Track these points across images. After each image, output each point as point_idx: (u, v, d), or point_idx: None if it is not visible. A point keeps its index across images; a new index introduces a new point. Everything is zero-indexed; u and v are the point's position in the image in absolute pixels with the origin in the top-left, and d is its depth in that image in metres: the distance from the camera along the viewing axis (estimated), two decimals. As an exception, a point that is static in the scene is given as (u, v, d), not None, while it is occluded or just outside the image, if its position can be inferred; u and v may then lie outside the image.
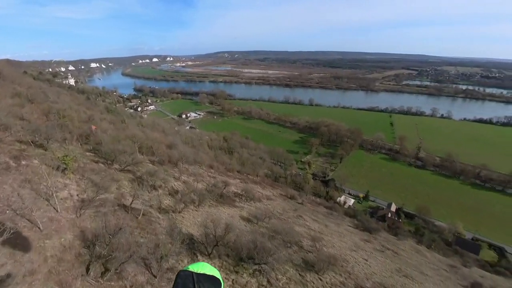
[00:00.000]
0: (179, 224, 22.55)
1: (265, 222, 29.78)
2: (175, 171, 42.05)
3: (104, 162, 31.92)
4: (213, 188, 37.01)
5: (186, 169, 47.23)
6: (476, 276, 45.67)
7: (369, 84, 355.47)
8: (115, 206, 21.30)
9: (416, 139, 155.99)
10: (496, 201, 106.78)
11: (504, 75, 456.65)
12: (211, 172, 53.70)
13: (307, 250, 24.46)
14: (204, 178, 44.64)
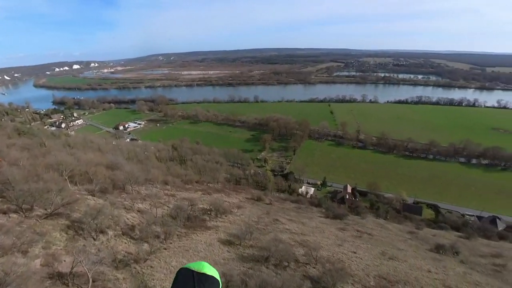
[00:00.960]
0: (149, 280, 17.05)
1: (248, 239, 26.41)
2: (124, 199, 34.34)
3: (18, 210, 22.93)
4: (177, 212, 31.06)
5: (138, 192, 39.70)
6: (431, 237, 51.15)
7: (306, 78, 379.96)
8: (44, 280, 14.29)
9: (354, 124, 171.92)
10: (423, 166, 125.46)
11: (409, 63, 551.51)
12: (167, 189, 46.94)
13: (304, 262, 22.32)
14: (162, 200, 38.17)
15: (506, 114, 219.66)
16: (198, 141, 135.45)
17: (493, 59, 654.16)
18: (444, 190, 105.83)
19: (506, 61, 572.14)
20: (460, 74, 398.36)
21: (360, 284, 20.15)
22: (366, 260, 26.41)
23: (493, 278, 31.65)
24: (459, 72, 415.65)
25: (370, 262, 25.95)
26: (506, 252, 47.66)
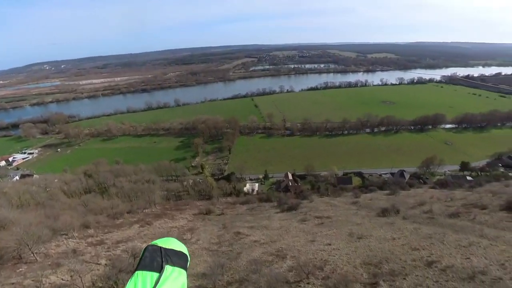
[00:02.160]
0: None
1: (221, 275, 21.39)
2: (23, 275, 22.33)
3: None
4: (112, 272, 21.55)
5: (45, 255, 27.41)
6: (370, 202, 57.01)
7: (224, 75, 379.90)
8: None
9: (278, 114, 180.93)
10: (342, 141, 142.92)
11: (312, 54, 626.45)
12: (90, 236, 35.23)
13: (296, 281, 19.25)
14: (87, 255, 27.66)
15: (388, 90, 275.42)
16: (119, 160, 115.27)
17: (372, 47, 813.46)
18: (362, 158, 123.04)
19: (380, 48, 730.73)
20: (350, 61, 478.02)
21: (358, 283, 18.84)
22: (343, 249, 25.91)
23: (432, 225, 36.42)
24: (349, 59, 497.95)
25: (347, 250, 25.58)
26: (425, 198, 57.62)
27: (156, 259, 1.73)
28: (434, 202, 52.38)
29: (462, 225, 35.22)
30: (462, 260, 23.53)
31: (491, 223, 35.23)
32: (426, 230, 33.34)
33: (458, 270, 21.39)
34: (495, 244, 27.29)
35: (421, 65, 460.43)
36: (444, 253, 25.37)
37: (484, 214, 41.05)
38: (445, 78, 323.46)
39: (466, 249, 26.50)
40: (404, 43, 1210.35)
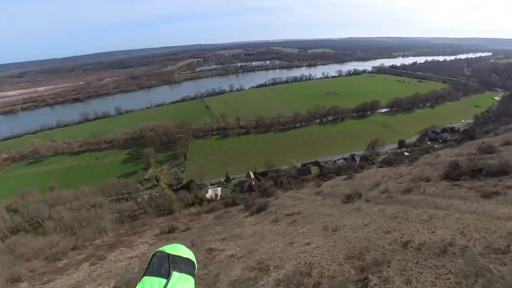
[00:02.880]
0: None
1: None
2: None
3: None
4: None
5: None
6: (332, 190, 59.19)
7: (169, 77, 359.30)
8: None
9: (231, 113, 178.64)
10: (296, 134, 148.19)
11: (257, 52, 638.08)
12: None
13: None
14: None
15: (330, 82, 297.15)
16: (53, 186, 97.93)
17: (311, 43, 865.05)
18: (316, 148, 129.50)
19: (318, 44, 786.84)
20: (293, 56, 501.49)
21: (349, 282, 18.03)
22: (323, 246, 25.30)
23: (393, 204, 38.84)
24: (292, 55, 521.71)
25: (327, 246, 25.05)
26: (378, 178, 62.36)
27: (164, 265, 1.76)
28: (387, 181, 56.73)
29: (417, 200, 38.27)
30: (429, 235, 24.95)
31: (438, 194, 39.05)
32: (390, 210, 35.28)
33: (430, 246, 22.44)
34: (450, 213, 29.90)
35: (354, 58, 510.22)
36: (413, 231, 26.71)
37: (430, 185, 45.53)
38: (375, 68, 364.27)
39: (428, 223, 28.38)
40: (338, 38, 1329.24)
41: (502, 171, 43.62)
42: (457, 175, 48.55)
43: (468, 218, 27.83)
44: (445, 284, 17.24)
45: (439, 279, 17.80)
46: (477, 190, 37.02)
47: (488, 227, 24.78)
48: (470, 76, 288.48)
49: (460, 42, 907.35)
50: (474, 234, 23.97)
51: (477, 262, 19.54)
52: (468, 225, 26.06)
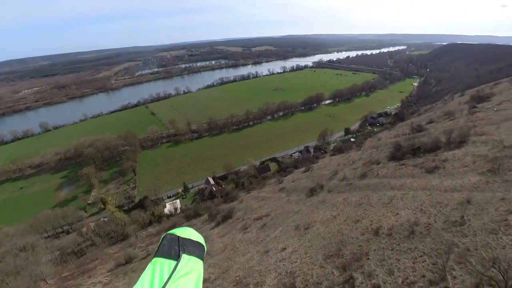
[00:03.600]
0: None
1: None
2: None
3: None
4: None
5: None
6: (294, 184, 59.83)
7: (105, 84, 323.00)
8: None
9: (181, 118, 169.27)
10: (250, 132, 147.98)
11: (201, 52, 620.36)
12: None
13: None
14: None
15: (276, 78, 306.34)
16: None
17: (254, 41, 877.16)
18: (272, 144, 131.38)
19: (261, 42, 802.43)
20: (238, 55, 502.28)
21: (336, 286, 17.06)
22: (300, 249, 24.27)
23: (354, 191, 40.50)
24: (237, 54, 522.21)
25: (304, 248, 24.12)
26: (334, 166, 65.42)
27: (174, 248, 1.79)
28: (343, 169, 59.75)
29: (374, 183, 40.57)
30: (395, 217, 26.08)
31: (390, 175, 42.10)
32: (353, 197, 36.56)
33: (399, 229, 23.29)
34: (405, 193, 32.08)
35: (296, 54, 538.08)
36: (379, 216, 27.67)
37: (381, 168, 49.10)
38: (315, 63, 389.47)
39: (390, 205, 29.88)
40: (278, 36, 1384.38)
41: (435, 147, 49.67)
42: (401, 155, 53.65)
43: (421, 195, 30.21)
44: (423, 267, 17.70)
45: (417, 263, 18.28)
46: (421, 167, 41.04)
47: (440, 200, 27.04)
48: (393, 66, 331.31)
49: (381, 38, 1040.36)
50: (431, 209, 25.82)
51: (442, 238, 20.78)
52: (424, 201, 28.14)
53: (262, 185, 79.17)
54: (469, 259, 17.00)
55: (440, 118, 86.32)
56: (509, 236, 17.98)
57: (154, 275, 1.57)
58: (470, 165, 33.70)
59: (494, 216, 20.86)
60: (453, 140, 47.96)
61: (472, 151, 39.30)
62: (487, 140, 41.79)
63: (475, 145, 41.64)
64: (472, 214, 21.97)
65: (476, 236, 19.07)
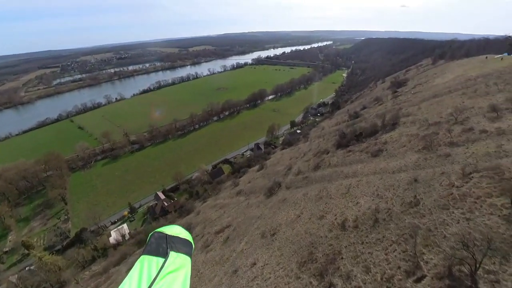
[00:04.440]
0: None
1: None
2: None
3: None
4: None
5: None
6: (251, 185, 58.25)
7: (12, 98, 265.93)
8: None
9: (116, 129, 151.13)
10: (198, 136, 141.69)
11: (131, 54, 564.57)
12: None
13: None
14: None
15: (217, 77, 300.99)
16: None
17: (191, 41, 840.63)
18: (221, 145, 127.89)
19: (198, 41, 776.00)
20: (175, 56, 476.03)
21: None
22: (271, 260, 22.30)
23: (311, 184, 40.73)
24: (173, 55, 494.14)
25: (275, 258, 22.25)
26: (286, 161, 66.09)
27: (162, 245, 1.81)
28: (296, 162, 60.60)
29: (328, 174, 41.50)
30: (356, 207, 26.35)
31: (341, 163, 43.75)
32: (312, 191, 36.54)
33: (364, 219, 23.38)
34: (359, 179, 33.22)
35: (234, 52, 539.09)
36: (341, 208, 27.71)
37: (331, 157, 51.00)
38: (254, 60, 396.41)
39: (349, 194, 30.39)
40: (216, 35, 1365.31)
41: (374, 131, 54.04)
42: (346, 142, 56.92)
43: (374, 179, 31.60)
44: (396, 257, 17.63)
45: (389, 253, 18.19)
46: (366, 151, 43.70)
47: (392, 183, 28.44)
48: (324, 60, 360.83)
49: (310, 34, 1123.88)
50: (386, 193, 26.85)
51: (404, 221, 21.40)
52: (378, 186, 29.32)
53: (218, 190, 75.57)
54: (434, 240, 17.48)
55: (371, 103, 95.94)
56: (459, 210, 19.26)
57: (142, 272, 1.60)
58: (407, 145, 36.92)
59: (441, 191, 22.45)
60: (387, 123, 52.88)
61: (405, 131, 43.54)
62: (414, 120, 46.97)
63: (406, 126, 46.38)
64: (422, 193, 23.35)
65: (432, 214, 20.02)
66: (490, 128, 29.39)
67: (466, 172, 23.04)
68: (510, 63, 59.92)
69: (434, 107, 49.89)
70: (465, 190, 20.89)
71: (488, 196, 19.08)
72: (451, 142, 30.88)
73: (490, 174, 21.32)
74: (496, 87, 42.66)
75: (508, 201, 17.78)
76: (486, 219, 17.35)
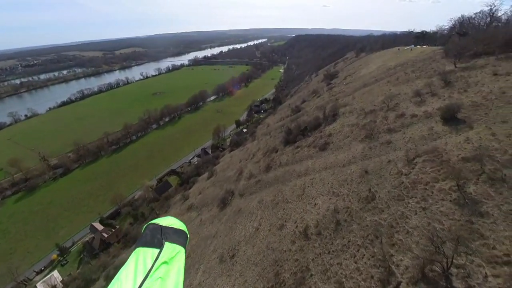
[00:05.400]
0: None
1: None
2: None
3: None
4: None
5: None
6: (202, 197, 53.65)
7: None
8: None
9: (29, 153, 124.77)
10: (137, 148, 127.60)
11: (42, 61, 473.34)
12: None
13: None
14: None
15: (152, 81, 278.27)
16: None
17: (117, 44, 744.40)
18: (165, 155, 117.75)
19: (126, 43, 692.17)
20: (99, 61, 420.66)
21: None
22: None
23: (265, 188, 38.68)
24: (97, 59, 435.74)
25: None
26: (236, 164, 63.21)
27: (157, 236, 1.83)
28: (246, 165, 58.17)
29: (281, 174, 40.06)
30: (315, 210, 24.95)
31: (292, 161, 42.89)
32: (267, 197, 34.41)
33: (325, 223, 21.96)
34: (312, 177, 32.33)
35: (169, 54, 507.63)
36: (300, 213, 26.04)
37: (280, 155, 50.06)
38: (191, 61, 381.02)
39: (305, 195, 29.04)
40: (146, 36, 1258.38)
41: (318, 124, 55.25)
42: (293, 138, 57.10)
43: (327, 176, 30.98)
44: (366, 264, 16.33)
45: (358, 261, 16.78)
46: (314, 146, 43.72)
47: (344, 178, 28.01)
48: (261, 57, 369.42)
49: (246, 33, 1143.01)
50: (342, 189, 26.14)
51: (365, 220, 20.55)
52: (332, 182, 28.63)
53: (167, 207, 68.33)
54: (398, 237, 16.71)
55: (309, 96, 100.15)
56: (413, 199, 19.18)
57: (137, 263, 1.63)
58: (350, 135, 37.85)
59: (392, 180, 22.50)
60: (328, 114, 54.64)
61: (346, 121, 45.12)
62: (352, 110, 49.29)
63: (345, 116, 48.28)
64: (375, 185, 23.15)
65: (390, 207, 19.57)
66: (419, 112, 31.71)
67: (409, 158, 23.67)
68: (418, 53, 68.90)
69: (366, 96, 53.44)
70: (413, 177, 21.16)
71: (435, 181, 19.46)
72: (389, 128, 32.36)
73: (431, 157, 22.14)
74: (413, 74, 47.70)
75: (453, 183, 18.23)
76: (440, 205, 17.40)
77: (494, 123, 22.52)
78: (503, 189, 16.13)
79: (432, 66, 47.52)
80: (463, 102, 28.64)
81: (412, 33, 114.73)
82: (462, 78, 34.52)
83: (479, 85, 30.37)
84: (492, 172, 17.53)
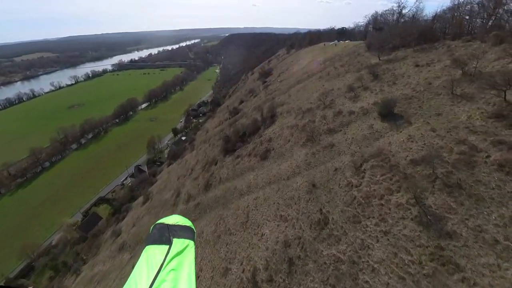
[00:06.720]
0: None
1: None
2: None
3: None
4: None
5: None
6: (137, 229, 44.32)
7: None
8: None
9: None
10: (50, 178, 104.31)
11: None
12: None
13: None
14: None
15: (67, 92, 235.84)
16: None
17: (16, 48, 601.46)
18: (91, 180, 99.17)
19: (29, 48, 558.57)
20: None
21: None
22: None
23: (205, 214, 32.68)
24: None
25: None
26: (174, 183, 55.08)
27: (164, 234, 1.88)
28: (184, 183, 50.91)
29: (221, 194, 34.63)
30: (263, 244, 20.27)
31: (232, 175, 37.77)
32: (208, 227, 28.51)
33: (276, 264, 17.46)
34: (256, 196, 27.77)
35: (87, 59, 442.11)
36: (246, 249, 21.07)
37: (220, 168, 44.53)
38: (115, 66, 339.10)
39: (249, 223, 24.27)
40: (55, 38, 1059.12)
41: (256, 127, 51.42)
42: (232, 146, 51.93)
43: (271, 194, 26.48)
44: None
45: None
46: (254, 154, 39.16)
47: (291, 195, 23.71)
48: (195, 58, 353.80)
49: (177, 33, 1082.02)
50: (289, 211, 21.90)
51: (322, 255, 16.69)
52: (278, 203, 24.23)
53: (96, 248, 55.69)
54: (364, 279, 13.04)
55: (246, 96, 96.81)
56: (370, 220, 16.10)
57: (149, 260, 1.68)
58: (291, 139, 34.73)
59: (343, 196, 19.36)
60: (266, 116, 51.38)
61: (284, 122, 42.21)
62: (289, 109, 46.87)
63: (284, 117, 45.52)
64: (326, 203, 19.72)
65: (347, 234, 16.11)
66: (355, 108, 30.24)
67: (357, 165, 21.01)
68: (342, 47, 71.94)
69: (301, 93, 52.00)
70: (365, 189, 18.28)
71: (390, 193, 16.80)
72: (329, 129, 30.08)
73: (378, 162, 19.75)
74: (342, 68, 47.96)
75: (410, 195, 15.65)
76: (402, 227, 14.53)
77: (430, 116, 21.54)
78: (462, 198, 14.01)
79: (358, 60, 48.55)
80: (395, 95, 28.08)
81: (333, 29, 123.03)
82: (388, 71, 34.85)
83: (405, 77, 30.53)
84: (446, 176, 15.51)
